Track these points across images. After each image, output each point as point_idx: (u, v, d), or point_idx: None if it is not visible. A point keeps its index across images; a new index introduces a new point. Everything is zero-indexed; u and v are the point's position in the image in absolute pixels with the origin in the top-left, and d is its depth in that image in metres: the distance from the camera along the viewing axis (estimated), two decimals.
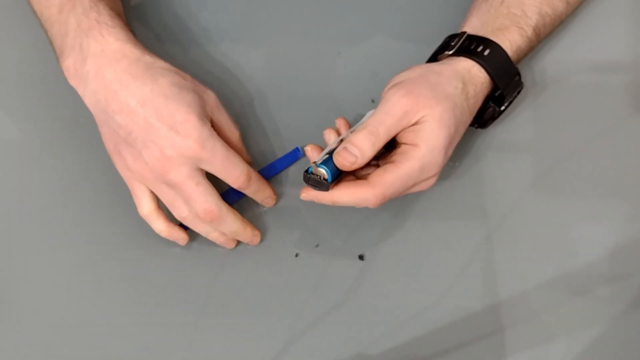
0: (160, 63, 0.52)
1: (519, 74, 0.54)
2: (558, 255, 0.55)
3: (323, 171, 0.49)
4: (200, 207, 0.51)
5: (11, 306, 0.55)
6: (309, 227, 0.57)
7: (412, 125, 0.50)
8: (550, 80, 0.60)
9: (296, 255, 0.56)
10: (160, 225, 0.54)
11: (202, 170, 0.51)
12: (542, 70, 0.59)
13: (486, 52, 0.52)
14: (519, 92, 0.56)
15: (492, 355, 0.53)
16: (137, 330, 0.55)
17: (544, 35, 0.57)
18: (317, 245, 0.56)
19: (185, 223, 0.53)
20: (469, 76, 0.52)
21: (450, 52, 0.53)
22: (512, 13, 0.54)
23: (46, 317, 0.55)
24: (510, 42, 0.53)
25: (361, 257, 0.56)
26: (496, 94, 0.54)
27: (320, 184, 0.50)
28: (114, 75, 0.50)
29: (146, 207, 0.53)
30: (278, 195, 0.57)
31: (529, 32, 0.54)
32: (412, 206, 0.57)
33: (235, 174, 0.52)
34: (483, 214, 0.56)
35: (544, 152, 0.58)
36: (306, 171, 0.50)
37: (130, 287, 0.56)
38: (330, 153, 0.51)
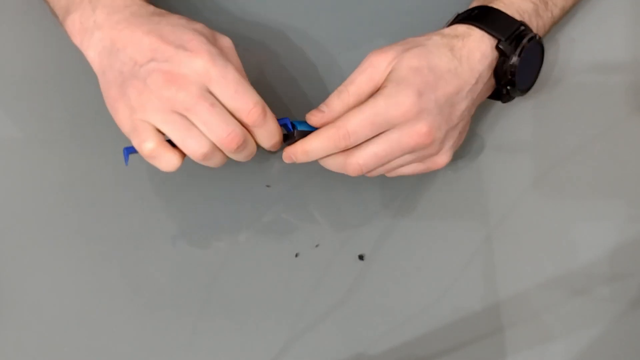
0: (170, 14, 0.51)
1: (523, 25, 0.53)
2: (558, 255, 0.55)
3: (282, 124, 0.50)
4: (222, 131, 0.46)
5: (11, 306, 0.55)
6: (309, 227, 0.57)
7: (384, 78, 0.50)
8: (550, 80, 0.60)
9: (296, 255, 0.56)
10: (171, 157, 0.48)
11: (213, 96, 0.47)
12: (542, 70, 0.59)
13: (473, 13, 0.53)
14: (539, 46, 0.54)
15: (492, 355, 0.53)
16: (137, 330, 0.55)
17: (560, 5, 0.57)
18: (317, 245, 0.56)
19: (204, 161, 0.48)
20: (454, 32, 0.52)
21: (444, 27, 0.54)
22: None
23: (46, 317, 0.55)
24: (505, 3, 0.53)
25: (361, 257, 0.56)
26: (499, 45, 0.52)
27: (288, 137, 0.50)
28: (122, 17, 0.49)
29: (150, 142, 0.47)
30: (278, 195, 0.57)
31: None
32: (412, 206, 0.57)
33: (249, 104, 0.47)
34: (483, 214, 0.56)
35: (544, 152, 0.58)
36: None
37: (130, 287, 0.56)
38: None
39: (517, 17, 0.53)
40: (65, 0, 0.52)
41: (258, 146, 0.50)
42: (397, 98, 0.48)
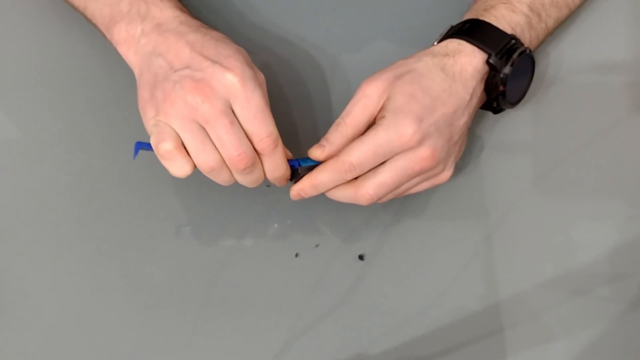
0: (216, 30, 0.52)
1: (514, 39, 0.53)
2: (558, 255, 0.55)
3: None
4: (234, 150, 0.48)
5: (11, 306, 0.55)
6: (309, 227, 0.57)
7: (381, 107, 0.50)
8: (550, 80, 0.60)
9: (296, 255, 0.56)
10: (184, 163, 0.49)
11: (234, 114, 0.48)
12: (542, 71, 0.59)
13: (464, 27, 0.53)
14: (530, 59, 0.54)
15: (492, 355, 0.53)
16: (137, 330, 0.55)
17: (554, 16, 0.56)
18: (317, 245, 0.56)
19: (211, 174, 0.50)
20: (445, 51, 0.52)
21: (436, 43, 0.53)
22: None
23: (46, 317, 0.55)
24: (496, 17, 0.53)
25: (361, 257, 0.56)
26: (490, 60, 0.52)
27: (295, 175, 0.52)
28: (169, 27, 0.50)
29: (169, 143, 0.48)
30: (278, 195, 0.57)
31: (522, 7, 0.54)
32: (412, 206, 0.57)
33: (266, 132, 0.48)
34: (483, 214, 0.56)
35: (544, 152, 0.58)
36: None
37: (130, 287, 0.56)
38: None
39: (509, 30, 0.53)
40: (109, 9, 0.53)
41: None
42: (397, 128, 0.49)
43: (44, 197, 0.58)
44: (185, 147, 0.49)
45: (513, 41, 0.53)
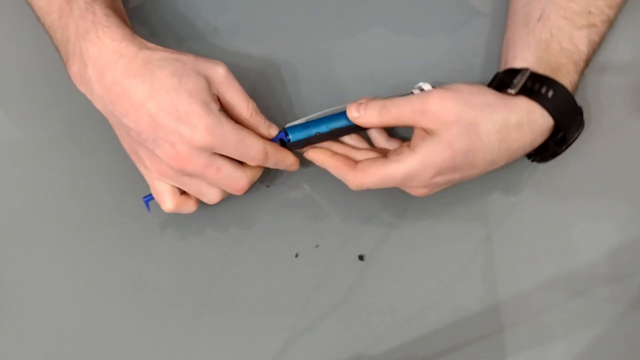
0: (158, 54, 0.51)
1: (581, 113, 0.52)
2: (558, 255, 0.55)
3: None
4: (229, 187, 0.52)
5: (11, 306, 0.55)
6: (309, 227, 0.57)
7: (426, 129, 0.50)
8: None
9: (296, 255, 0.56)
10: (190, 206, 0.54)
11: (218, 154, 0.51)
12: None
13: (549, 94, 0.50)
14: (580, 132, 0.53)
15: (492, 355, 0.53)
16: (137, 330, 0.55)
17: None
18: (317, 246, 0.56)
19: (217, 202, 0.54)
20: (521, 120, 0.50)
21: (514, 92, 0.50)
22: (565, 49, 0.52)
23: (46, 317, 0.55)
24: (570, 82, 0.52)
25: (361, 257, 0.56)
26: (558, 136, 0.52)
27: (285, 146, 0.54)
28: (113, 78, 0.50)
29: (169, 203, 0.53)
30: (278, 195, 0.57)
31: (582, 65, 0.53)
32: (412, 206, 0.57)
33: (251, 154, 0.51)
34: (483, 214, 0.56)
35: None
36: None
37: (130, 287, 0.56)
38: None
39: (570, 88, 0.51)
40: (63, 47, 0.52)
41: None
42: (416, 175, 0.50)
43: (44, 197, 0.58)
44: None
45: (580, 116, 0.52)
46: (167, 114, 0.49)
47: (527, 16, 0.55)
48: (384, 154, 0.53)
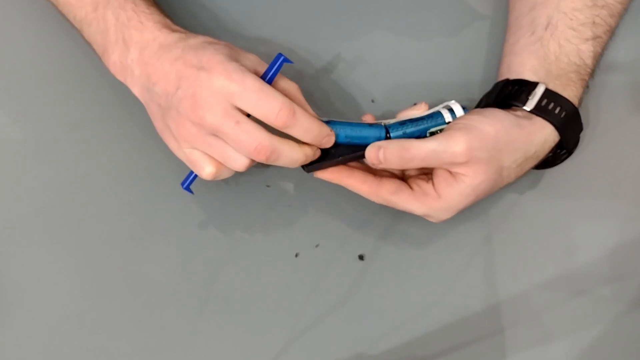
0: (196, 36, 0.52)
1: (582, 129, 0.54)
2: (558, 255, 0.55)
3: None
4: (250, 146, 0.47)
5: (11, 306, 0.55)
6: (309, 227, 0.57)
7: (451, 171, 0.50)
8: None
9: (296, 255, 0.56)
10: (230, 170, 0.51)
11: (240, 109, 0.47)
12: None
13: (562, 115, 0.51)
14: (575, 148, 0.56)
15: (492, 355, 0.53)
16: (137, 330, 0.55)
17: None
18: (317, 245, 0.56)
19: (256, 163, 0.50)
20: (542, 148, 0.52)
21: (529, 109, 0.51)
22: (573, 62, 0.53)
23: (46, 316, 0.55)
24: (576, 97, 0.53)
25: (361, 257, 0.56)
26: (559, 151, 0.54)
27: (327, 156, 0.52)
28: (152, 51, 0.51)
29: (208, 167, 0.50)
30: (278, 195, 0.57)
31: (587, 79, 0.54)
32: None
33: (275, 106, 0.46)
34: (483, 214, 0.56)
35: None
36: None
37: (130, 287, 0.56)
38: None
39: (577, 105, 0.53)
40: (101, 38, 0.54)
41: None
42: (435, 215, 0.52)
43: (44, 197, 0.58)
44: None
45: (580, 132, 0.55)
46: (191, 66, 0.48)
47: (533, 22, 0.54)
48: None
